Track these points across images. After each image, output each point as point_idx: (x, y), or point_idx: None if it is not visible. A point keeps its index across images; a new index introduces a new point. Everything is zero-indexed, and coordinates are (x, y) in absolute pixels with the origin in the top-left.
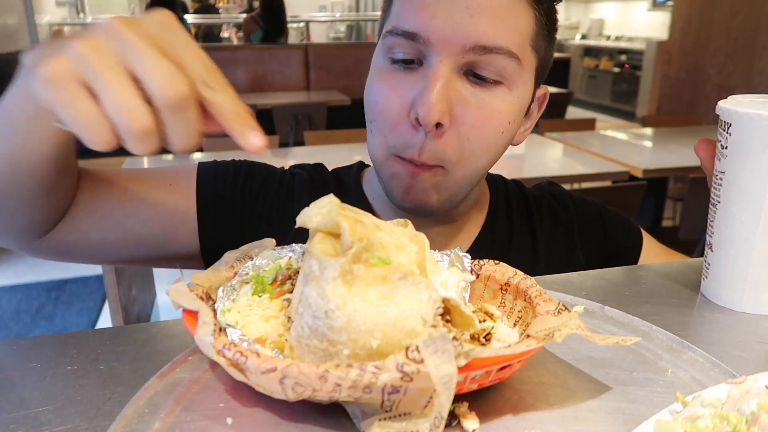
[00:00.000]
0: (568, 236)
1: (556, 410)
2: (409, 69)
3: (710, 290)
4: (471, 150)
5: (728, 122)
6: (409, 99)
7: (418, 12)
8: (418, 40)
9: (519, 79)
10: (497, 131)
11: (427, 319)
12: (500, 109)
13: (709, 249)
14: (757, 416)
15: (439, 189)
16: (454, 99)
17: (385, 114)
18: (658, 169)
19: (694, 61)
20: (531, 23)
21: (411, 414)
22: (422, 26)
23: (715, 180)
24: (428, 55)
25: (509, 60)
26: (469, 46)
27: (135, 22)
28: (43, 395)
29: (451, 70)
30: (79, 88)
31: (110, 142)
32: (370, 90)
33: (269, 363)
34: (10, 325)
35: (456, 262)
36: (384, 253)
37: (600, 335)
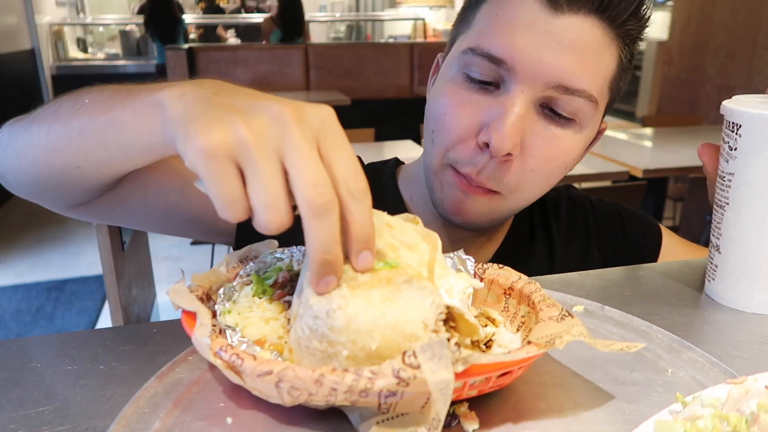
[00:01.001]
0: (585, 239)
1: (556, 410)
2: (486, 90)
3: (717, 292)
4: (532, 181)
5: (737, 123)
6: (480, 121)
7: (509, 37)
8: (502, 66)
9: (591, 120)
10: (561, 167)
11: (428, 324)
12: (568, 147)
13: (716, 251)
14: (756, 416)
15: (492, 212)
16: (527, 131)
17: (451, 129)
18: (658, 169)
19: (694, 61)
20: (614, 66)
21: (409, 414)
22: (509, 55)
23: (721, 182)
24: (509, 82)
25: (587, 103)
26: (553, 84)
27: (302, 114)
28: (43, 395)
29: (529, 102)
30: (233, 168)
31: (242, 219)
32: (439, 101)
33: (265, 366)
34: (10, 325)
35: (459, 265)
36: (392, 255)
37: (603, 342)
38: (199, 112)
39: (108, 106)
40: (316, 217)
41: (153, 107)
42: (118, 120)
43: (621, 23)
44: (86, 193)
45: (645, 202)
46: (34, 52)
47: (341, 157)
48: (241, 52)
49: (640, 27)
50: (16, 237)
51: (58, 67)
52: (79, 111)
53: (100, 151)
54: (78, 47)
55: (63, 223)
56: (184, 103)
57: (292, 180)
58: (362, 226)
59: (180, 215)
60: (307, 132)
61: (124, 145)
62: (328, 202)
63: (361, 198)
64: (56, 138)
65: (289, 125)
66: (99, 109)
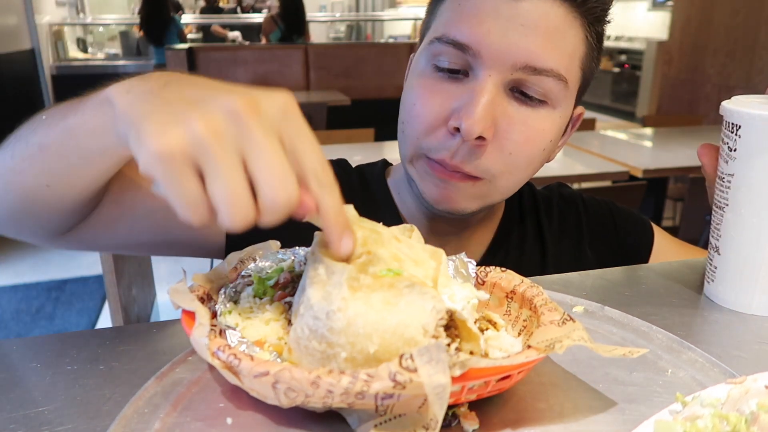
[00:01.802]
0: (577, 238)
1: (556, 410)
2: (454, 79)
3: (717, 293)
4: (514, 164)
5: (737, 124)
6: (449, 108)
7: (473, 24)
8: (468, 52)
9: (563, 100)
10: (539, 148)
11: (428, 330)
12: (543, 128)
13: (716, 252)
14: (756, 416)
15: (478, 198)
16: (498, 114)
17: (421, 118)
18: (658, 169)
19: (694, 61)
20: (582, 45)
21: (406, 415)
22: (475, 40)
23: (721, 183)
24: (476, 68)
25: (557, 82)
26: (520, 65)
27: (259, 108)
28: (43, 395)
29: (498, 85)
30: (190, 169)
31: (205, 221)
32: (410, 92)
33: (262, 367)
34: (10, 325)
35: (461, 268)
36: (396, 265)
37: (605, 347)
38: (148, 109)
39: (62, 115)
40: (276, 214)
41: (102, 106)
42: (70, 126)
43: (582, 2)
44: (64, 217)
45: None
46: (34, 52)
47: (306, 148)
48: (241, 52)
49: (602, 5)
50: None
51: (58, 67)
52: (38, 127)
53: (61, 163)
54: (78, 47)
55: None
56: (132, 97)
57: (256, 179)
58: (337, 213)
59: (168, 235)
60: (267, 125)
61: (82, 151)
62: (290, 201)
63: (331, 188)
64: (20, 158)
65: (246, 120)
66: (54, 120)
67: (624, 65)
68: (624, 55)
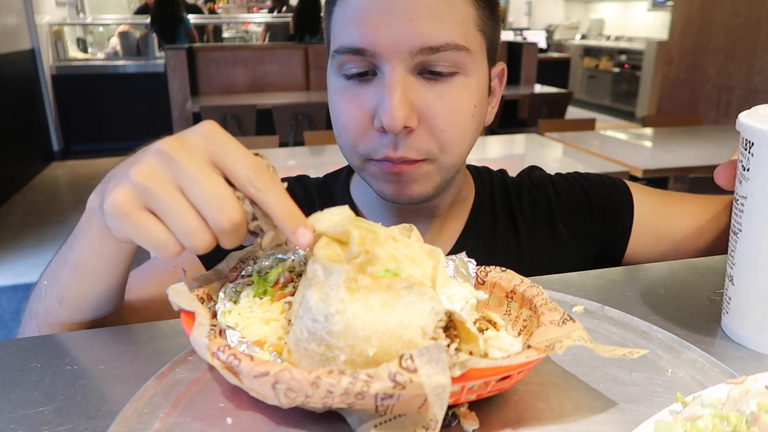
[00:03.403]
0: (549, 218)
1: (556, 410)
2: (365, 80)
3: (733, 328)
4: (449, 139)
5: (750, 141)
6: (369, 108)
7: (360, 27)
8: (366, 54)
9: (472, 65)
10: (467, 116)
11: (427, 331)
12: (462, 97)
13: (730, 282)
14: (757, 416)
15: (431, 176)
16: (416, 100)
17: (348, 126)
18: (658, 169)
19: (694, 61)
20: (471, 10)
21: (406, 415)
22: (366, 41)
23: (735, 205)
24: (379, 65)
25: (458, 53)
26: (416, 50)
27: (183, 141)
28: (43, 395)
29: (405, 73)
30: (145, 213)
31: (179, 253)
32: (331, 107)
33: (262, 367)
34: (10, 325)
35: (461, 268)
36: (393, 266)
37: (605, 347)
38: (107, 188)
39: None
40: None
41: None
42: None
43: None
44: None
45: None
46: (34, 52)
47: (235, 160)
48: (241, 52)
49: None
50: (16, 237)
51: (58, 67)
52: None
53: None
54: (78, 47)
55: (63, 223)
56: (100, 190)
57: (197, 207)
58: (282, 210)
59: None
60: (193, 153)
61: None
62: (235, 220)
63: (269, 189)
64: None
65: (173, 155)
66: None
67: (624, 65)
68: (624, 55)
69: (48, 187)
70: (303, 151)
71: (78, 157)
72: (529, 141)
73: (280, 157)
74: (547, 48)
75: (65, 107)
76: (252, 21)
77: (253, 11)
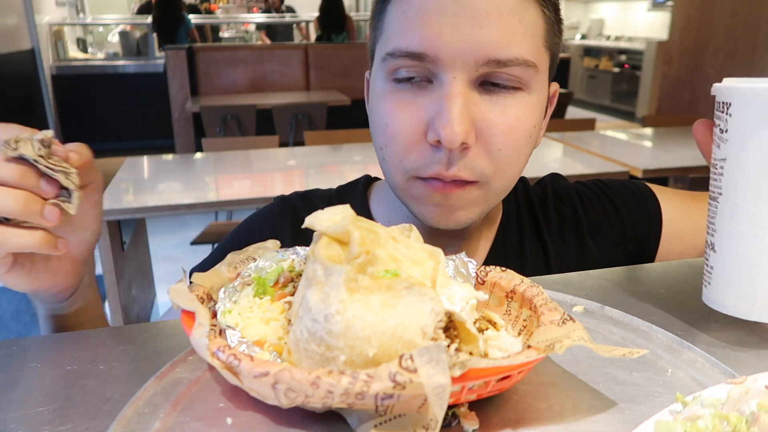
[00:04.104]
0: (578, 234)
1: (556, 410)
2: (419, 87)
3: (715, 298)
4: (505, 160)
5: (727, 102)
6: (423, 119)
7: (422, 29)
8: (426, 60)
9: (536, 83)
10: (525, 137)
11: (427, 332)
12: (524, 115)
13: (711, 250)
14: (757, 416)
15: (478, 203)
16: (475, 114)
17: (397, 137)
18: (658, 169)
19: (694, 61)
20: (541, 23)
21: (406, 415)
22: (429, 45)
23: (714, 170)
24: (439, 73)
25: (526, 69)
26: (483, 61)
27: None
28: (43, 395)
29: (466, 84)
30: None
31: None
32: (377, 114)
33: (262, 367)
34: (10, 325)
35: (461, 268)
36: (393, 266)
37: (605, 347)
38: None
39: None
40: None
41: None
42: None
43: None
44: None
45: None
46: (34, 52)
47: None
48: (241, 52)
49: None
50: None
51: (58, 67)
52: None
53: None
54: (78, 47)
55: None
56: None
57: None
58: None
59: None
60: None
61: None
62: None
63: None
64: None
65: None
66: None
67: (624, 65)
68: (624, 55)
69: None
70: (303, 151)
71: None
72: None
73: (280, 157)
74: None
75: (65, 107)
76: (252, 21)
77: (253, 11)
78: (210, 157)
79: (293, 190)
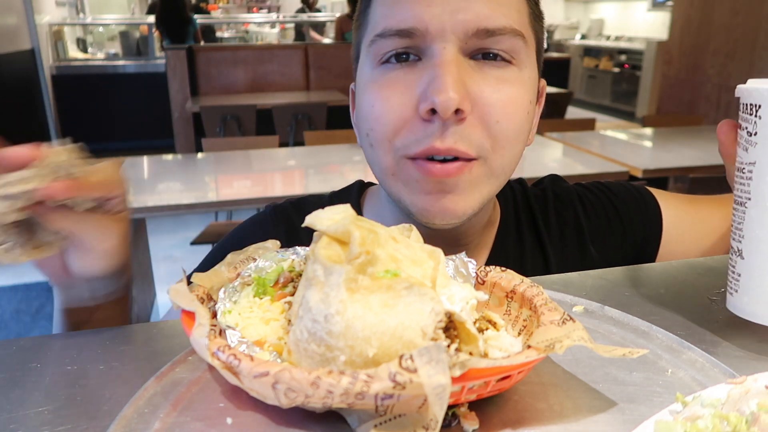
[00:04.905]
0: (579, 239)
1: (556, 410)
2: (409, 65)
3: (743, 306)
4: (504, 134)
5: (756, 104)
6: (414, 95)
7: (411, 5)
8: (416, 35)
9: (527, 58)
10: (522, 111)
11: (427, 332)
12: (518, 89)
13: (738, 256)
14: (757, 416)
15: (478, 186)
16: (469, 84)
17: (384, 116)
18: (658, 169)
19: (694, 61)
20: (524, 3)
21: (406, 415)
22: (419, 19)
23: (741, 175)
24: (429, 47)
25: (515, 39)
26: (472, 31)
27: None
28: (43, 395)
29: (457, 54)
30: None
31: None
32: (363, 102)
33: (262, 367)
34: (10, 325)
35: (461, 268)
36: (393, 266)
37: (605, 347)
38: None
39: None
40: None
41: None
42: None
43: None
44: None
45: None
46: (34, 52)
47: None
48: (241, 52)
49: None
50: None
51: (58, 67)
52: None
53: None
54: (78, 47)
55: None
56: None
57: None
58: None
59: None
60: None
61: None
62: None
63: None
64: None
65: None
66: None
67: (624, 65)
68: (624, 55)
69: None
70: (303, 151)
71: None
72: None
73: (280, 157)
74: (547, 48)
75: (65, 107)
76: (252, 21)
77: (253, 11)
78: (210, 157)
79: (293, 190)
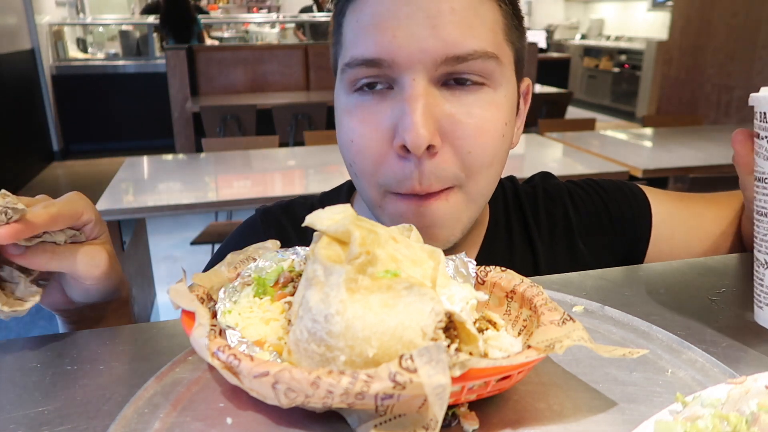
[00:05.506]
0: (568, 237)
1: (556, 410)
2: (380, 95)
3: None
4: (478, 163)
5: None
6: (386, 127)
7: (376, 35)
8: (383, 66)
9: (502, 77)
10: (497, 136)
11: (427, 332)
12: (492, 114)
13: (765, 268)
14: (757, 416)
15: (458, 212)
16: (439, 115)
17: (365, 152)
18: (658, 169)
19: (694, 61)
20: (499, 17)
21: (406, 415)
22: (384, 50)
23: (761, 184)
24: (399, 78)
25: (487, 61)
26: (441, 60)
27: None
28: (43, 395)
29: (427, 84)
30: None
31: None
32: (342, 130)
33: (262, 367)
34: (10, 325)
35: (461, 268)
36: (393, 266)
37: (605, 347)
38: None
39: None
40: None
41: None
42: None
43: None
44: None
45: None
46: (34, 52)
47: None
48: (241, 52)
49: None
50: None
51: (58, 67)
52: None
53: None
54: (78, 47)
55: None
56: None
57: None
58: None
59: None
60: None
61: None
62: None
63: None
64: None
65: None
66: None
67: (624, 65)
68: (624, 55)
69: (48, 187)
70: (303, 152)
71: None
72: (529, 141)
73: (280, 157)
74: (547, 48)
75: (65, 107)
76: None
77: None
78: (210, 157)
79: (293, 191)
